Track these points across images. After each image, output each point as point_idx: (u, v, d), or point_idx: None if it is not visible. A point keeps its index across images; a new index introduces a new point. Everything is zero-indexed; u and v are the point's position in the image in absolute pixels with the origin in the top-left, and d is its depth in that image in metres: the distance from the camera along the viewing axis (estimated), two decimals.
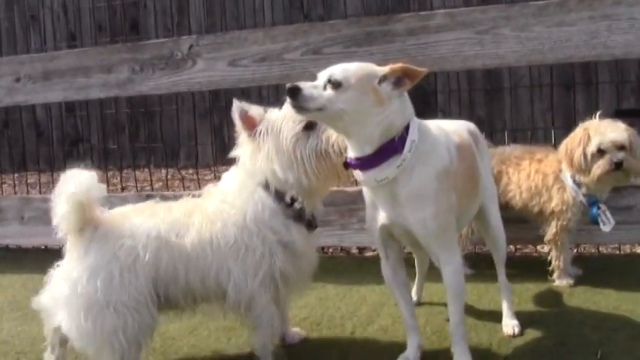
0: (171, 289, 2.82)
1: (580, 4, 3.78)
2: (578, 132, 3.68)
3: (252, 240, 2.82)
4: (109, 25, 7.82)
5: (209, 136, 6.58)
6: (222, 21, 7.51)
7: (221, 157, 6.43)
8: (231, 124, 2.96)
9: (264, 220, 2.85)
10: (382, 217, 2.69)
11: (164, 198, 3.16)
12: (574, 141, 3.66)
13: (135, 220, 2.85)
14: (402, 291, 2.91)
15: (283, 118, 2.84)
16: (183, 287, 2.83)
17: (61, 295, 2.78)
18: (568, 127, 3.85)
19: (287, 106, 2.76)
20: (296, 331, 3.31)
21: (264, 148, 2.86)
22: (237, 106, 2.90)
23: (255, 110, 2.91)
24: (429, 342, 3.11)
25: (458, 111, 6.22)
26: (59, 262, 2.91)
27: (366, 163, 2.55)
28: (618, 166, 3.56)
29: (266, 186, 2.88)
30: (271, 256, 2.83)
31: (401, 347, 2.97)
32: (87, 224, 2.79)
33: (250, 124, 2.89)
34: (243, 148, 2.94)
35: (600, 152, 3.57)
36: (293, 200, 2.88)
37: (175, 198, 3.11)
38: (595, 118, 3.71)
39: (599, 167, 3.57)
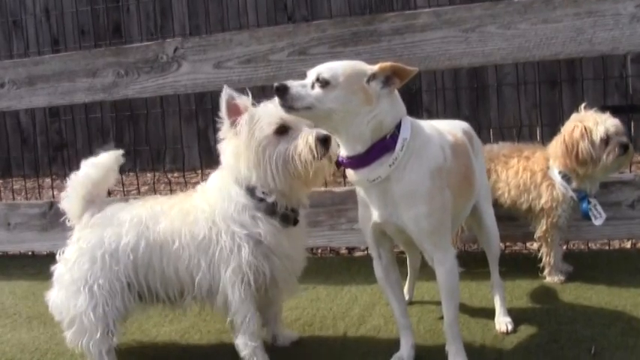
0: (150, 277, 2.97)
1: (565, 0, 3.77)
2: (573, 126, 3.66)
3: (221, 236, 2.86)
4: (92, 30, 7.77)
5: (195, 138, 6.55)
6: (205, 24, 7.47)
7: (207, 160, 6.43)
8: (217, 127, 2.95)
9: (232, 216, 2.87)
10: (375, 216, 2.68)
11: None
12: (573, 135, 3.63)
13: (126, 210, 3.07)
14: (394, 290, 2.91)
15: (259, 117, 2.83)
16: (160, 276, 2.97)
17: (57, 272, 3.08)
18: (554, 124, 3.84)
19: (264, 105, 2.84)
20: (288, 332, 3.30)
21: (235, 143, 2.87)
22: (226, 92, 2.90)
23: (241, 101, 2.90)
24: (422, 340, 3.10)
25: (443, 110, 6.21)
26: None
27: (358, 161, 2.55)
28: (626, 148, 3.58)
29: (240, 181, 2.90)
30: (239, 250, 2.84)
31: (394, 347, 2.97)
32: (87, 207, 3.09)
33: (235, 114, 2.88)
34: (225, 141, 2.94)
35: (605, 140, 3.58)
36: (264, 194, 2.87)
37: None
38: (581, 110, 3.72)
39: (610, 153, 3.58)
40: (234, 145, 2.88)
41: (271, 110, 2.83)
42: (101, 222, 3.05)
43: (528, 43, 3.84)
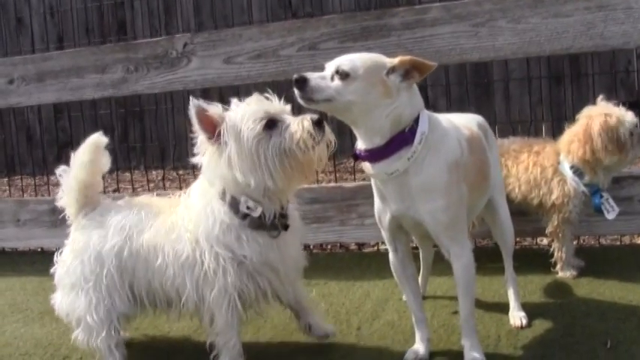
0: (135, 285, 2.96)
1: None
2: (603, 118, 3.62)
3: (205, 257, 2.76)
4: (97, 27, 7.76)
5: None
6: (211, 21, 7.47)
7: None
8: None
9: (216, 237, 2.74)
10: (392, 209, 2.67)
11: None
12: (608, 126, 3.60)
13: (114, 212, 3.04)
14: (410, 284, 2.91)
15: (242, 117, 2.68)
16: (146, 287, 2.95)
17: (56, 274, 3.11)
18: (559, 120, 3.84)
19: (243, 105, 2.74)
20: (326, 326, 3.19)
21: (224, 152, 2.69)
22: (194, 104, 2.70)
23: (214, 110, 2.72)
24: (436, 335, 3.10)
25: (449, 106, 6.22)
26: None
27: (376, 154, 2.54)
28: None
29: (223, 196, 2.78)
30: (224, 273, 2.74)
31: (409, 341, 2.97)
32: (82, 206, 3.09)
33: (209, 126, 2.71)
34: (203, 154, 2.79)
35: (631, 131, 3.62)
36: (249, 209, 2.73)
37: None
38: (598, 103, 3.73)
39: (638, 144, 3.63)
40: (218, 157, 2.72)
41: (252, 108, 2.71)
42: (90, 224, 3.04)
43: (539, 37, 3.83)
